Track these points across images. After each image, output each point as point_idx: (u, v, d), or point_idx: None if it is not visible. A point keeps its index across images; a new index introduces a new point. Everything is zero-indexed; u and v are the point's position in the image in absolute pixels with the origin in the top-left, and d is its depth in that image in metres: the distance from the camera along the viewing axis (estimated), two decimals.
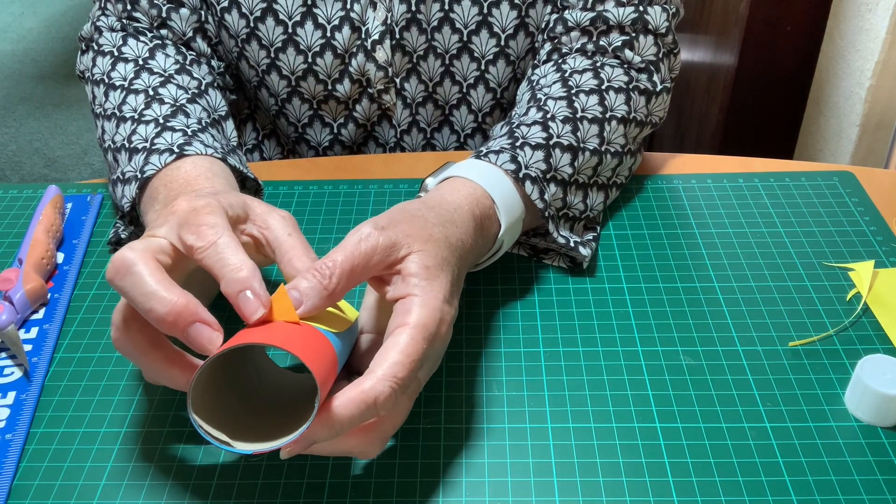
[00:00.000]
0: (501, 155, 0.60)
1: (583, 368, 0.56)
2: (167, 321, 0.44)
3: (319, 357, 0.44)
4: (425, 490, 0.49)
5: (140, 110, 0.66)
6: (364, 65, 0.76)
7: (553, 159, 0.61)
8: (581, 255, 0.62)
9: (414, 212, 0.51)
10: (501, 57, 0.75)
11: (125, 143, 0.64)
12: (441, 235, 0.50)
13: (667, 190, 0.73)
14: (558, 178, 0.62)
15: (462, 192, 0.56)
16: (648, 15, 0.69)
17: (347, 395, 0.43)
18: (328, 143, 0.82)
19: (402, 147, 0.82)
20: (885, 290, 0.61)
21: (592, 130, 0.64)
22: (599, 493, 0.49)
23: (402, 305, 0.47)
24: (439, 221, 0.51)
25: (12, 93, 2.65)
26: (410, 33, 0.74)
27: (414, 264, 0.48)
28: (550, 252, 0.66)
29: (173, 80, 0.69)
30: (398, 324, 0.46)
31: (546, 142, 0.62)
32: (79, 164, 2.32)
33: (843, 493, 0.48)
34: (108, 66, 0.71)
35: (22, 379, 0.57)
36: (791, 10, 1.35)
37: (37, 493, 0.50)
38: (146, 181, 0.60)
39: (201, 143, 0.62)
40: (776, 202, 0.71)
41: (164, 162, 0.60)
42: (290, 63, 0.76)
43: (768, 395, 0.54)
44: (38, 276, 0.62)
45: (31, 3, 3.19)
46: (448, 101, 0.79)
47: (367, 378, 0.44)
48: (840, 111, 1.34)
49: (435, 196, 0.55)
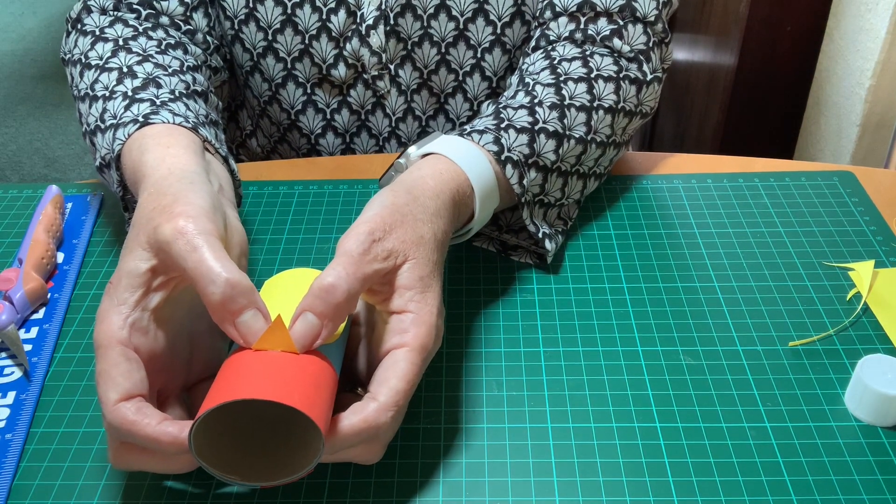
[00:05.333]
0: (485, 135, 0.60)
1: (583, 368, 0.56)
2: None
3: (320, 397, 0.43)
4: (425, 490, 0.49)
5: (112, 87, 0.63)
6: (359, 49, 0.76)
7: (537, 144, 0.61)
8: (545, 249, 0.62)
9: (404, 210, 0.50)
10: (498, 45, 0.75)
11: (99, 123, 0.61)
12: (430, 234, 0.50)
13: (667, 190, 0.73)
14: (540, 163, 0.61)
15: (445, 176, 0.55)
16: (637, 2, 0.68)
17: (350, 421, 0.44)
18: (321, 129, 0.81)
19: (396, 136, 0.82)
20: (885, 290, 0.61)
21: (580, 118, 0.64)
22: (599, 493, 0.49)
23: (398, 323, 0.47)
24: (427, 217, 0.51)
25: (12, 93, 2.65)
26: (405, 19, 0.74)
27: (408, 276, 0.48)
28: (519, 249, 0.66)
29: (150, 60, 0.66)
30: (397, 344, 0.47)
31: (531, 126, 0.61)
32: (79, 164, 2.32)
33: (843, 493, 0.48)
34: (87, 45, 0.68)
35: (22, 379, 0.57)
36: (791, 10, 1.35)
37: (37, 493, 0.50)
38: (118, 158, 0.57)
39: (170, 111, 0.59)
40: (776, 202, 0.71)
41: (128, 133, 0.57)
42: (286, 44, 0.76)
43: (768, 395, 0.54)
44: (38, 276, 0.62)
45: (31, 3, 3.19)
46: (444, 90, 0.78)
47: (369, 406, 0.45)
48: (840, 111, 1.34)
49: (418, 180, 0.54)
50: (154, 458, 0.45)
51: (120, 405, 0.44)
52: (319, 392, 0.43)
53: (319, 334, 0.45)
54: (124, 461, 0.46)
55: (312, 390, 0.43)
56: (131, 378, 0.45)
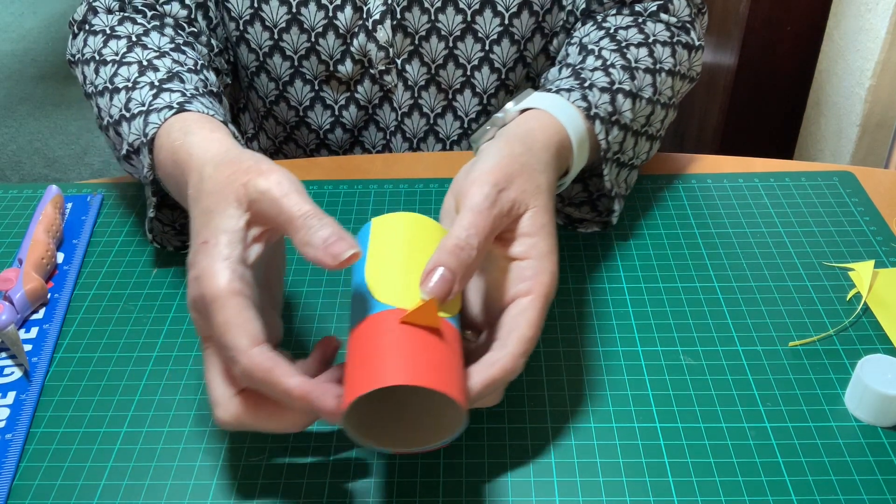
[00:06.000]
0: (573, 93, 0.61)
1: (582, 368, 0.56)
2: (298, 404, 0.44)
3: (463, 375, 0.45)
4: (425, 490, 0.49)
5: (134, 79, 0.63)
6: (365, 45, 0.76)
7: (617, 104, 0.62)
8: (613, 210, 0.64)
9: (523, 161, 0.51)
10: (506, 36, 0.76)
11: (123, 112, 0.62)
12: (546, 183, 0.51)
13: (666, 190, 0.73)
14: (621, 121, 0.63)
15: (550, 130, 0.56)
16: None
17: (489, 373, 0.45)
18: (329, 125, 0.81)
19: (402, 131, 0.82)
20: (885, 290, 0.61)
21: (647, 80, 0.66)
22: (599, 493, 0.49)
23: (521, 270, 0.48)
24: (542, 167, 0.52)
25: (12, 93, 2.65)
26: (412, 13, 0.74)
27: (530, 224, 0.49)
28: (585, 222, 0.67)
29: (168, 56, 0.67)
30: (523, 291, 0.47)
31: (610, 86, 0.63)
32: (79, 164, 2.32)
33: (843, 493, 0.48)
34: (100, 43, 0.69)
35: (22, 379, 0.57)
36: (791, 10, 1.36)
37: (37, 493, 0.50)
38: (152, 142, 0.58)
39: (201, 104, 0.60)
40: (776, 202, 0.71)
41: (164, 118, 0.58)
42: (293, 42, 0.76)
43: (768, 395, 0.54)
44: (38, 276, 0.62)
45: (31, 3, 3.19)
46: (451, 85, 0.79)
47: (501, 354, 0.46)
48: (840, 111, 1.34)
49: (529, 132, 0.55)
50: (272, 414, 0.46)
51: (255, 350, 0.43)
52: (462, 370, 0.45)
53: (452, 290, 0.46)
54: (236, 418, 0.46)
55: (460, 373, 0.44)
56: (257, 325, 0.44)
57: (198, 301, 0.45)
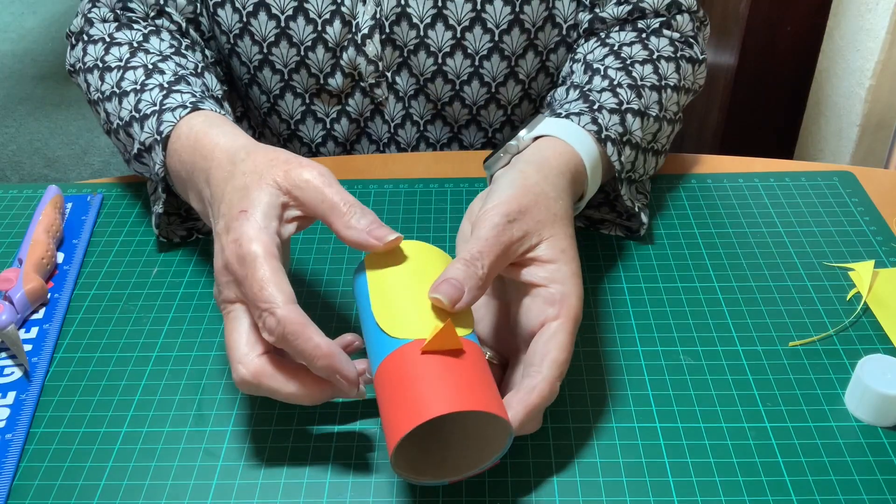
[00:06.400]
0: (583, 117, 0.61)
1: (583, 368, 0.56)
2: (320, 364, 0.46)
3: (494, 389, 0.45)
4: (425, 490, 0.49)
5: (141, 81, 0.65)
6: (355, 59, 0.76)
7: (626, 123, 0.63)
8: (641, 222, 0.65)
9: (537, 191, 0.52)
10: (496, 52, 0.75)
11: (133, 113, 0.63)
12: (562, 210, 0.52)
13: (666, 190, 0.73)
14: (632, 141, 0.63)
15: (564, 157, 0.57)
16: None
17: (529, 399, 0.46)
18: (321, 139, 0.82)
19: (396, 142, 0.82)
20: (885, 290, 0.61)
21: (653, 97, 0.66)
22: (599, 493, 0.49)
23: (549, 295, 0.49)
24: (557, 194, 0.53)
25: (12, 93, 2.65)
26: (400, 27, 0.74)
27: (550, 250, 0.50)
28: (606, 222, 0.68)
29: (171, 59, 0.68)
30: (551, 316, 0.48)
31: (619, 107, 0.63)
32: (79, 164, 2.32)
33: (843, 493, 0.48)
34: (102, 51, 0.70)
35: (22, 379, 0.57)
36: (791, 10, 1.35)
37: (37, 493, 0.50)
38: (167, 139, 0.59)
39: (211, 105, 0.62)
40: (776, 202, 0.71)
41: (179, 116, 0.59)
42: (283, 56, 0.76)
43: (768, 395, 0.54)
44: (38, 276, 0.62)
45: (31, 3, 3.19)
46: (440, 98, 0.79)
47: (538, 380, 0.47)
48: (840, 111, 1.34)
49: (544, 161, 0.56)
50: (290, 378, 0.47)
51: (290, 305, 0.46)
52: (493, 384, 0.46)
53: (462, 298, 0.47)
54: (255, 375, 0.47)
55: (494, 388, 0.45)
56: (290, 288, 0.47)
57: (231, 263, 0.47)
